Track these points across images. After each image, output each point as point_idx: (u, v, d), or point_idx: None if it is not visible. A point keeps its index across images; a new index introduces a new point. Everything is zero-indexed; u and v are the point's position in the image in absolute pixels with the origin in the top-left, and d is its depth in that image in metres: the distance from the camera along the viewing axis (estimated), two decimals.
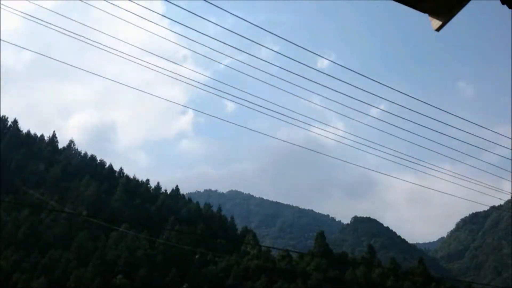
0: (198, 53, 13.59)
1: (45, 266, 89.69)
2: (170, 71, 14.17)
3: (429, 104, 14.62)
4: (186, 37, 12.44)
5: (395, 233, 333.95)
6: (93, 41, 13.08)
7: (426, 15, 4.92)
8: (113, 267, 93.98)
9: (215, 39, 11.61)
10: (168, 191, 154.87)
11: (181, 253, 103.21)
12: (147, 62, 14.04)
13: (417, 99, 13.36)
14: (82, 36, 12.75)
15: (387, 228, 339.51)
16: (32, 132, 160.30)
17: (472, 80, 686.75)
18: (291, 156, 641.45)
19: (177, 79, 14.33)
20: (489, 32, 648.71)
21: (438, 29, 4.93)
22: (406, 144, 18.49)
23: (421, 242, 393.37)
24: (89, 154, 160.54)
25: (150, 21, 12.23)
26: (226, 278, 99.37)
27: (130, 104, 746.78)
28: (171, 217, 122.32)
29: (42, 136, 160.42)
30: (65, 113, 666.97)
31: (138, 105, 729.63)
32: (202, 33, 11.39)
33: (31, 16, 12.68)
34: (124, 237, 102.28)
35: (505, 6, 4.38)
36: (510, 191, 22.26)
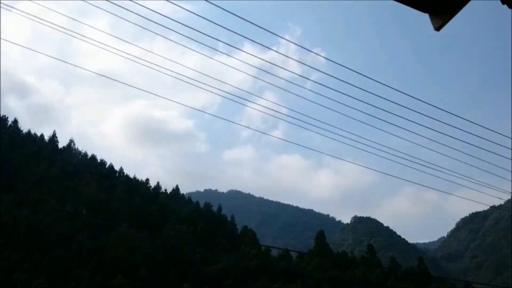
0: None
1: (45, 265, 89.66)
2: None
3: (428, 104, 14.62)
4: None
5: (395, 232, 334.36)
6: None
7: (426, 15, 4.93)
8: (113, 267, 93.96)
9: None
10: (168, 191, 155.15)
11: (181, 253, 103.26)
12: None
13: (415, 98, 13.35)
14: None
15: (387, 228, 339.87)
16: (32, 132, 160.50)
17: None
18: None
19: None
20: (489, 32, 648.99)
21: (438, 29, 4.95)
22: (405, 143, 18.50)
23: (421, 241, 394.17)
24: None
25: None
26: (226, 278, 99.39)
27: None
28: (171, 217, 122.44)
29: (42, 136, 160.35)
30: None
31: None
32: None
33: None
34: (124, 237, 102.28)
35: (505, 6, 4.39)
36: (510, 191, 22.25)
